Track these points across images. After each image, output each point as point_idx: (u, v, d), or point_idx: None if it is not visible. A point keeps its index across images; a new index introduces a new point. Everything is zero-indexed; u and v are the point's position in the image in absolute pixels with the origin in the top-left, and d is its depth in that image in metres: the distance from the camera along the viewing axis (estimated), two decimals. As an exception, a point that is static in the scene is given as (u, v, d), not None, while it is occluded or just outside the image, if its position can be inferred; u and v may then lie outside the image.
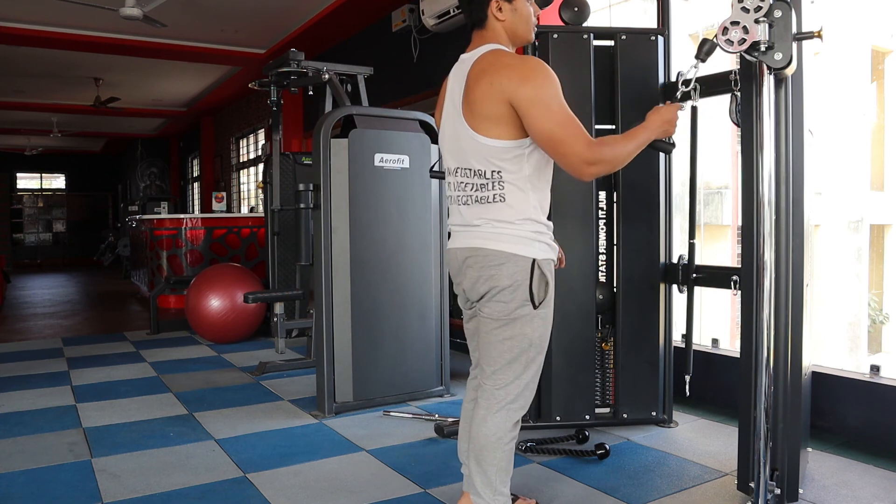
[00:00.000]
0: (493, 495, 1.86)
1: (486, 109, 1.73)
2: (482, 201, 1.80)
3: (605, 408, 2.99)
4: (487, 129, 1.74)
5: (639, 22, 4.22)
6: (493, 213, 1.79)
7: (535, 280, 1.78)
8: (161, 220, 6.83)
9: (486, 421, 1.85)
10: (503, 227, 1.78)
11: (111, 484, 2.44)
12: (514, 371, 1.84)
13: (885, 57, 7.83)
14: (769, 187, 2.00)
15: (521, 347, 1.83)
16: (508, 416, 1.86)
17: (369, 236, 3.25)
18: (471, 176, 1.81)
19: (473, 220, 1.82)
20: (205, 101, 11.19)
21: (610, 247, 2.97)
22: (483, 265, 1.80)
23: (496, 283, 1.79)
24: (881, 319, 7.57)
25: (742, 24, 1.89)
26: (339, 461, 2.65)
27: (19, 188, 17.12)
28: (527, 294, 1.78)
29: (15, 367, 4.36)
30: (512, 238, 1.78)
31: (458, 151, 1.83)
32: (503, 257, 1.77)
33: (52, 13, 6.40)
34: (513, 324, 1.81)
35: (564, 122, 1.69)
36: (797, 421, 2.20)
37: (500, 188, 1.77)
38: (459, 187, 1.85)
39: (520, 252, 1.77)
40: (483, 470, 1.85)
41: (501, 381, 1.85)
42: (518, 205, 1.77)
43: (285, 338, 4.03)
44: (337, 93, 3.93)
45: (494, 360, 1.85)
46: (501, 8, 1.81)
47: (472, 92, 1.76)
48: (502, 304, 1.80)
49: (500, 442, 1.85)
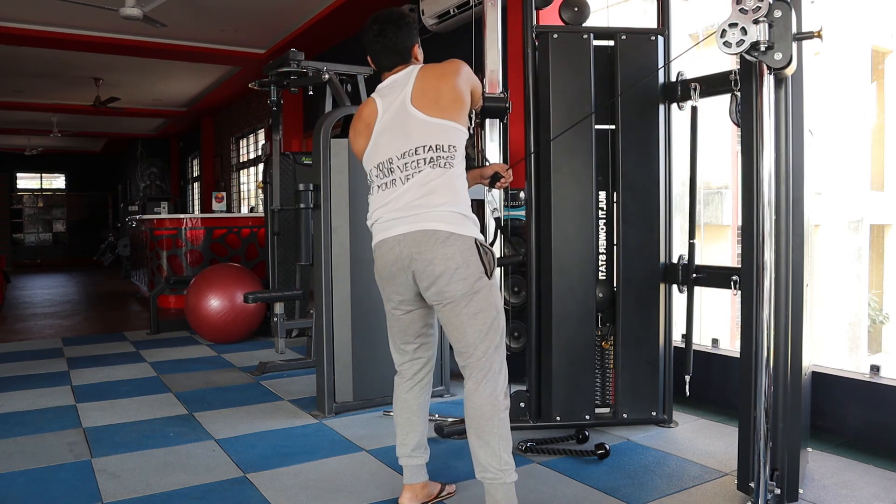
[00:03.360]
0: (499, 465, 1.92)
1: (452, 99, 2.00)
2: (438, 166, 1.96)
3: (605, 408, 2.99)
4: (448, 114, 1.99)
5: (639, 22, 4.22)
6: (443, 190, 1.95)
7: (482, 254, 1.96)
8: (161, 220, 6.83)
9: (477, 392, 1.96)
10: (448, 206, 1.94)
11: (111, 484, 2.44)
12: (491, 340, 1.97)
13: (885, 57, 7.83)
14: (769, 187, 2.00)
15: (490, 316, 1.97)
16: (497, 383, 1.98)
17: (369, 236, 3.24)
18: (423, 151, 1.96)
19: (421, 200, 1.94)
20: (205, 101, 11.19)
21: (610, 247, 2.97)
22: (434, 246, 1.92)
23: (450, 263, 1.92)
24: (881, 319, 7.57)
25: (740, 26, 1.89)
26: (338, 461, 2.66)
27: (19, 188, 17.13)
28: (480, 266, 1.94)
29: (15, 367, 4.36)
30: (456, 218, 1.94)
31: (405, 139, 1.98)
32: (453, 238, 1.92)
33: (52, 13, 6.40)
34: (476, 297, 1.94)
35: None
36: (797, 421, 2.20)
37: (451, 166, 1.97)
38: (407, 167, 1.97)
39: (464, 232, 1.94)
40: (486, 442, 1.92)
41: (485, 353, 1.97)
42: (459, 183, 2.00)
43: (285, 338, 4.03)
44: (337, 93, 3.94)
45: (471, 336, 1.96)
46: (419, 55, 2.19)
47: (429, 90, 2.00)
48: (463, 281, 1.93)
49: (497, 409, 1.94)
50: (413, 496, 2.18)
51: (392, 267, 2.01)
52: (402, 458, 2.19)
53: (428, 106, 1.99)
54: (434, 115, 1.98)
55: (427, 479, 2.22)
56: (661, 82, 2.92)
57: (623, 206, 2.90)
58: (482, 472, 1.94)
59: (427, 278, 1.95)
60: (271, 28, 7.07)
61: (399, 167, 1.98)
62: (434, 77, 2.03)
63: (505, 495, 1.93)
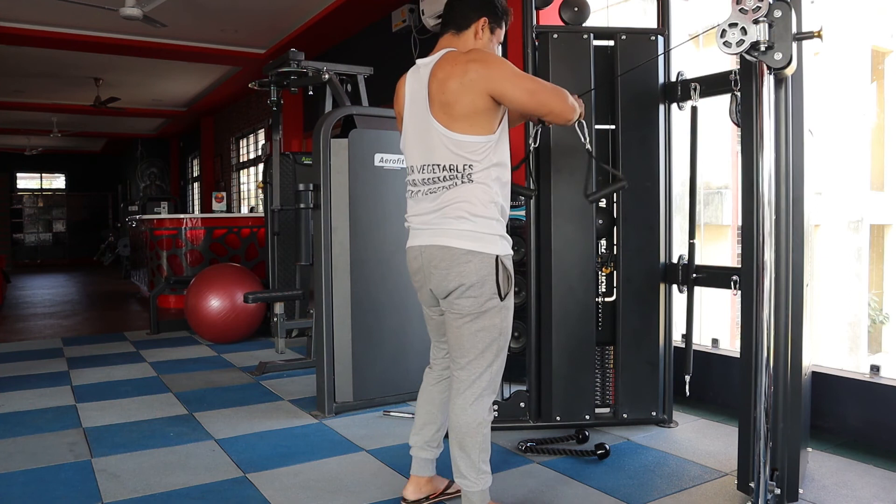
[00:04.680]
0: (477, 475, 2.00)
1: (464, 107, 1.86)
2: (451, 188, 1.91)
3: (605, 408, 2.99)
4: (462, 127, 1.87)
5: (639, 22, 4.22)
6: (457, 204, 1.90)
7: (500, 275, 1.93)
8: (161, 220, 6.83)
9: (467, 411, 1.98)
10: (466, 222, 1.90)
11: (111, 484, 2.44)
12: (486, 359, 1.98)
13: (885, 57, 7.83)
14: (769, 187, 2.00)
15: (491, 336, 1.97)
16: (485, 402, 2.01)
17: (369, 236, 3.26)
18: (439, 170, 1.92)
19: (437, 212, 1.93)
20: (205, 101, 11.19)
21: (610, 247, 2.97)
22: (450, 263, 1.92)
23: (464, 280, 1.91)
24: (881, 319, 7.57)
25: (740, 26, 1.89)
26: (339, 461, 2.65)
27: (19, 188, 17.13)
28: (494, 288, 1.92)
29: (15, 367, 4.36)
30: (475, 235, 1.90)
31: (425, 148, 1.95)
32: (469, 255, 1.90)
33: (52, 13, 6.40)
34: (483, 316, 1.94)
35: (534, 90, 1.91)
36: (797, 421, 2.20)
37: (469, 181, 1.90)
38: (427, 182, 1.95)
39: (484, 250, 1.91)
40: (467, 454, 1.99)
41: (476, 371, 1.98)
42: (483, 197, 1.91)
43: (285, 338, 4.03)
44: (337, 93, 3.94)
45: (468, 351, 1.98)
46: (484, 30, 2.01)
47: (440, 94, 1.89)
48: (472, 299, 1.93)
49: (481, 427, 1.99)
50: (417, 489, 2.20)
51: (416, 275, 2.06)
52: (413, 448, 2.21)
53: (450, 116, 1.88)
54: (455, 128, 1.88)
55: (433, 473, 2.23)
56: (661, 82, 2.92)
57: (623, 206, 2.90)
58: (461, 478, 2.02)
59: (441, 291, 1.98)
60: (271, 28, 7.07)
61: (421, 181, 1.97)
62: (442, 79, 1.89)
63: (480, 499, 2.01)
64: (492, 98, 1.86)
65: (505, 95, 1.86)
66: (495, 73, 1.85)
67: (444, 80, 1.89)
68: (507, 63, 1.90)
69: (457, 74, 1.86)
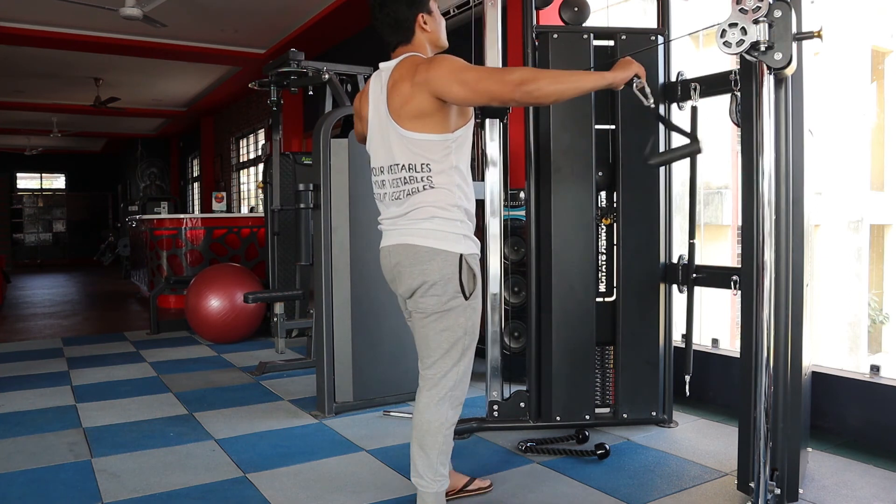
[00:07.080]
0: (434, 476, 2.01)
1: (413, 108, 1.89)
2: (413, 193, 1.93)
3: (605, 408, 2.99)
4: (415, 126, 1.90)
5: (639, 22, 4.22)
6: (422, 208, 1.92)
7: (463, 273, 1.94)
8: (161, 220, 6.83)
9: (430, 408, 2.00)
10: (431, 222, 1.92)
11: (111, 484, 2.44)
12: (451, 359, 1.99)
13: (885, 57, 7.84)
14: (769, 187, 2.00)
15: (456, 336, 1.98)
16: (450, 402, 2.02)
17: (369, 236, 3.25)
18: (399, 171, 1.95)
19: (403, 216, 1.96)
20: (205, 101, 11.19)
21: (610, 247, 2.97)
22: (413, 262, 1.94)
23: (427, 278, 1.93)
24: (881, 319, 7.58)
25: (740, 26, 1.89)
26: (338, 461, 2.66)
27: (19, 188, 17.13)
28: (457, 286, 1.94)
29: (15, 367, 4.36)
30: (439, 234, 1.92)
31: (387, 150, 1.98)
32: (433, 253, 1.92)
33: (52, 13, 6.41)
34: (447, 315, 1.96)
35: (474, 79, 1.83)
36: (797, 421, 2.20)
37: (430, 181, 1.92)
38: (392, 184, 1.97)
39: (448, 248, 1.92)
40: (426, 454, 2.00)
41: (442, 370, 2.00)
42: (447, 200, 1.93)
43: (285, 338, 4.03)
44: (337, 93, 3.94)
45: (433, 350, 2.00)
46: (426, 21, 2.02)
47: (395, 96, 1.93)
48: (435, 298, 1.95)
49: (443, 427, 2.00)
50: None
51: (388, 275, 2.08)
52: None
53: (402, 116, 1.92)
54: (409, 127, 1.91)
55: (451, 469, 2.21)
56: (661, 82, 2.92)
57: (623, 206, 2.90)
58: (418, 477, 2.02)
59: (406, 291, 2.01)
60: (271, 28, 7.07)
61: (388, 181, 1.99)
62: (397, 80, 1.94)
63: (434, 500, 2.03)
64: (438, 99, 1.87)
65: (444, 94, 1.85)
66: (434, 74, 1.85)
67: (398, 82, 1.94)
68: (452, 60, 1.87)
69: (408, 77, 1.91)
